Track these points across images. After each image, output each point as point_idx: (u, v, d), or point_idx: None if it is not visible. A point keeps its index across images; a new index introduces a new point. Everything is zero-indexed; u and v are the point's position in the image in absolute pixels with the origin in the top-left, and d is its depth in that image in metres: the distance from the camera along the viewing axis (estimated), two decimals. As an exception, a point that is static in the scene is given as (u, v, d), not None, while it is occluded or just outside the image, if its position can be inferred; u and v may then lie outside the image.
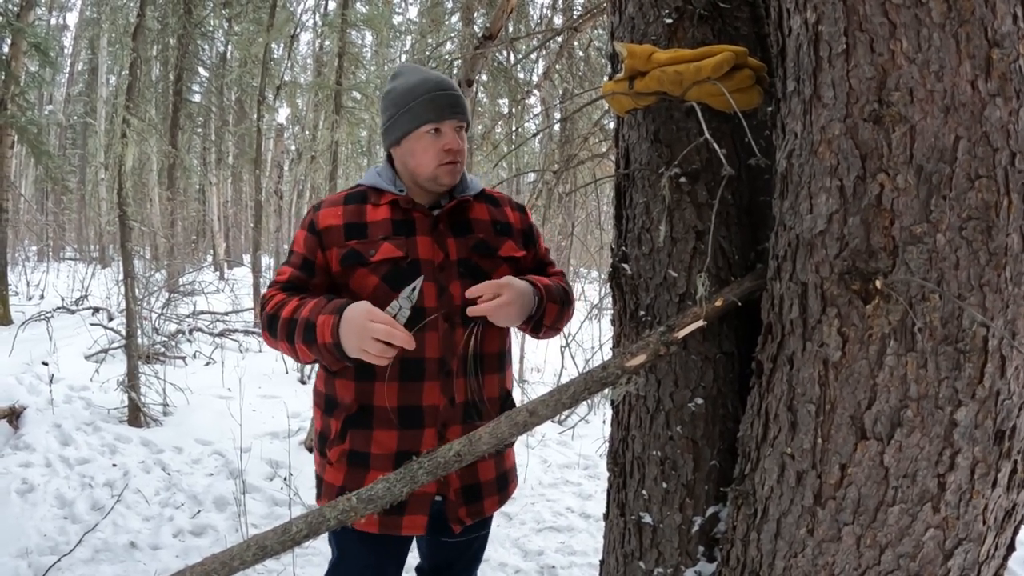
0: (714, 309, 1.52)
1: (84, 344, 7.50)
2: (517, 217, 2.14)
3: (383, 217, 1.96)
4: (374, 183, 2.02)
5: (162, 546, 3.77)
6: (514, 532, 4.20)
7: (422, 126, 1.93)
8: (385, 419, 1.89)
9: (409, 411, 1.89)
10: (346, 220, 1.95)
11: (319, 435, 2.02)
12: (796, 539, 1.38)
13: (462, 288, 1.91)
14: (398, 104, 1.96)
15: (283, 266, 2.00)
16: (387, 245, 1.91)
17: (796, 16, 1.35)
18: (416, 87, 1.95)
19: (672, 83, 1.59)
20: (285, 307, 1.83)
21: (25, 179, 21.78)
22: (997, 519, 1.32)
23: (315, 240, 1.94)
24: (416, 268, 1.89)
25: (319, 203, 2.03)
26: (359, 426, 1.91)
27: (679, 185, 1.65)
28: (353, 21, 11.22)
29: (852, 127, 1.26)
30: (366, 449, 1.91)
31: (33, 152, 9.56)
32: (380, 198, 1.99)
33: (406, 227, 1.95)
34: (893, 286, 1.23)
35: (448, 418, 1.92)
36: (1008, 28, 1.19)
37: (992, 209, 1.19)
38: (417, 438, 1.90)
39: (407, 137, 1.96)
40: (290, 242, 2.09)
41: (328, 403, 1.98)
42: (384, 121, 2.03)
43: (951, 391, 1.23)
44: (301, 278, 1.94)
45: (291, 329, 1.79)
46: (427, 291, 1.89)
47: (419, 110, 1.93)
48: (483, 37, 3.96)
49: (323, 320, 1.74)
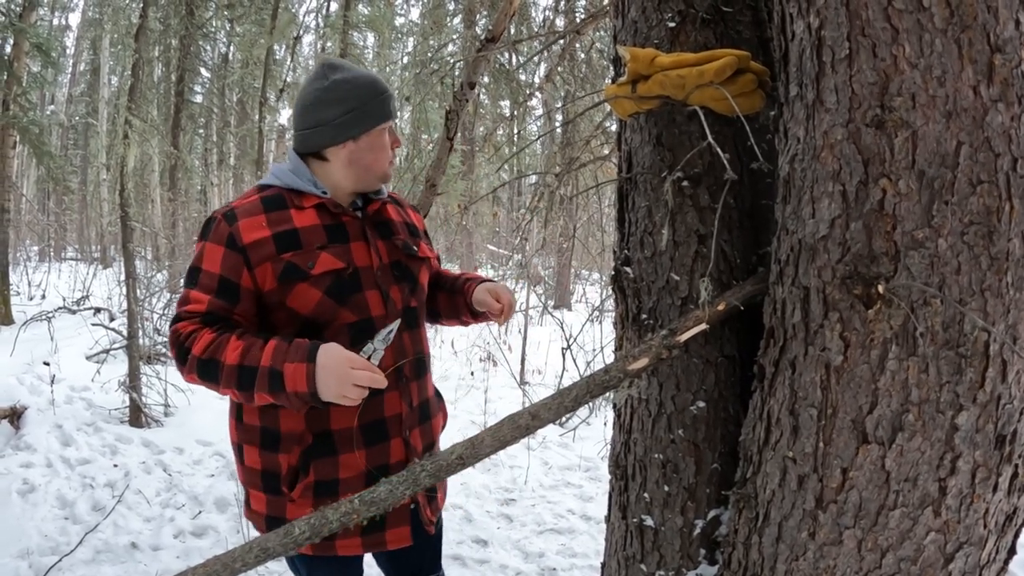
0: (716, 313, 1.53)
1: (85, 344, 7.50)
2: (418, 219, 2.14)
3: (312, 223, 1.82)
4: (291, 184, 1.86)
5: (163, 547, 3.77)
6: (515, 534, 4.20)
7: (384, 123, 1.87)
8: (348, 440, 1.81)
9: (373, 426, 1.83)
10: (275, 230, 1.77)
11: (263, 473, 1.84)
12: (798, 542, 1.39)
13: (400, 292, 1.89)
14: (361, 97, 1.84)
15: (191, 290, 1.76)
16: (326, 256, 1.79)
17: (799, 21, 1.35)
18: (371, 84, 1.86)
19: (675, 87, 1.60)
20: (222, 350, 1.66)
21: (27, 179, 21.80)
22: (998, 523, 1.32)
23: (238, 258, 1.74)
24: (357, 278, 1.82)
25: (229, 211, 1.79)
26: (321, 455, 1.80)
27: (681, 189, 1.66)
28: (355, 22, 11.24)
29: (854, 132, 1.26)
30: (334, 476, 1.81)
31: (35, 152, 9.57)
32: (302, 201, 1.84)
33: (340, 233, 1.85)
34: (895, 291, 1.24)
35: (411, 423, 1.89)
36: (1010, 33, 1.19)
37: (994, 214, 1.20)
38: (384, 451, 1.85)
39: (368, 133, 1.86)
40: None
41: (269, 438, 1.82)
42: (338, 114, 1.83)
43: (952, 395, 1.24)
44: (223, 307, 1.74)
45: (244, 378, 1.64)
46: (371, 300, 1.84)
47: (386, 106, 1.87)
48: (485, 39, 3.96)
49: (293, 368, 1.62)
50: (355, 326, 1.81)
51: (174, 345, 1.73)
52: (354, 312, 1.81)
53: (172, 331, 1.74)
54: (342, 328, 1.80)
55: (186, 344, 1.70)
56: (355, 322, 1.81)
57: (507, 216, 16.30)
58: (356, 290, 1.81)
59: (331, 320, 1.79)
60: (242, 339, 1.67)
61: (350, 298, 1.80)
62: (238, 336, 1.68)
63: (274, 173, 1.90)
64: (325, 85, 1.85)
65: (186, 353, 1.70)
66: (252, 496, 1.90)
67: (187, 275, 1.80)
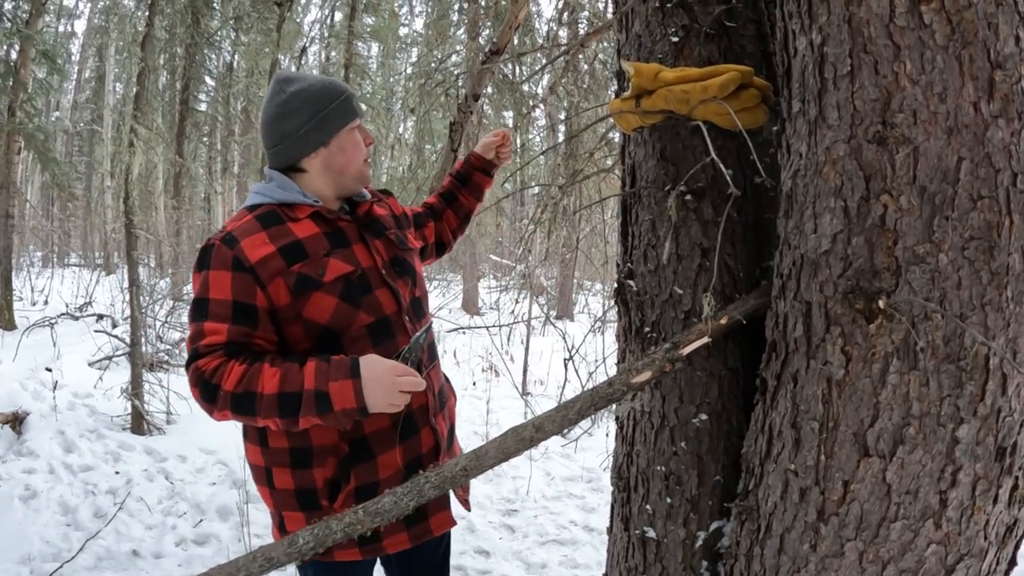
0: (719, 326, 1.54)
1: (88, 351, 7.50)
2: (395, 203, 2.19)
3: (313, 232, 1.81)
4: (281, 199, 1.85)
5: (165, 554, 3.78)
6: (517, 545, 4.20)
7: (353, 120, 1.89)
8: (384, 441, 1.83)
9: (405, 422, 1.85)
10: (279, 244, 1.75)
11: (298, 492, 1.83)
12: (799, 555, 1.39)
13: (405, 285, 1.94)
14: (320, 102, 1.84)
15: (205, 322, 1.70)
16: (334, 262, 1.79)
17: (802, 37, 1.37)
18: (328, 88, 1.87)
19: (678, 102, 1.61)
20: (256, 381, 1.63)
21: (31, 185, 21.84)
22: (999, 534, 1.33)
23: (248, 278, 1.71)
24: (366, 279, 1.84)
25: (227, 235, 1.76)
26: (360, 461, 1.81)
27: (685, 203, 1.67)
28: (360, 33, 11.28)
29: (856, 148, 1.28)
30: (375, 479, 1.82)
31: (40, 158, 9.61)
32: (295, 212, 1.83)
33: (340, 238, 1.86)
34: (896, 305, 1.25)
35: (434, 410, 1.94)
36: (1011, 50, 1.20)
37: (994, 229, 1.21)
38: (417, 443, 1.89)
39: (338, 135, 1.86)
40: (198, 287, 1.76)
41: (300, 456, 1.81)
42: (301, 123, 1.83)
43: (953, 409, 1.25)
44: (244, 332, 1.70)
45: (286, 405, 1.63)
46: (383, 299, 1.86)
47: (347, 106, 1.88)
48: (490, 52, 3.99)
49: (339, 387, 1.62)
50: (373, 326, 1.82)
51: (197, 384, 1.66)
52: (370, 313, 1.82)
53: (193, 369, 1.68)
54: (360, 331, 1.81)
55: (213, 381, 1.64)
56: (372, 323, 1.83)
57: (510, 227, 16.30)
58: (367, 291, 1.83)
59: (349, 324, 1.79)
60: (276, 365, 1.65)
61: (364, 300, 1.82)
62: (271, 363, 1.66)
63: (258, 192, 1.89)
64: (284, 99, 1.84)
65: (215, 390, 1.64)
66: (287, 518, 1.86)
67: (193, 309, 1.74)
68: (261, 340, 1.72)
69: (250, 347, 1.70)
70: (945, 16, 1.20)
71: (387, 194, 2.19)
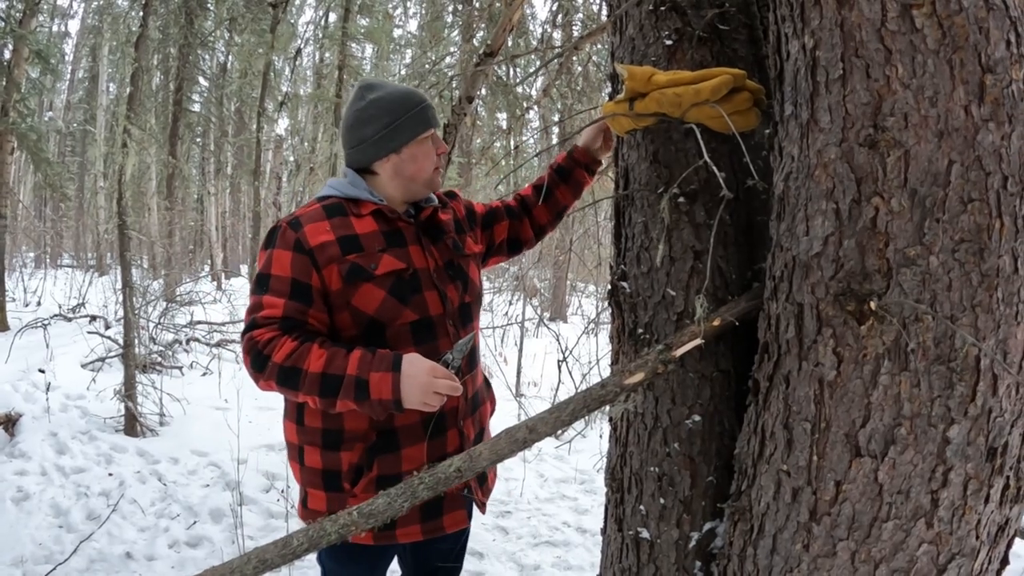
0: (712, 328, 1.54)
1: (81, 352, 7.48)
2: (459, 206, 2.22)
3: (372, 229, 1.92)
4: (348, 193, 1.97)
5: (157, 557, 3.76)
6: (510, 546, 4.20)
7: (425, 131, 1.97)
8: (412, 435, 1.90)
9: (434, 419, 1.91)
10: (338, 235, 1.87)
11: (324, 472, 1.93)
12: (792, 555, 1.40)
13: (455, 290, 1.99)
14: (395, 112, 1.95)
15: (264, 295, 1.82)
16: (388, 257, 1.89)
17: (794, 41, 1.38)
18: (407, 97, 1.97)
19: (671, 105, 1.62)
20: (305, 358, 1.73)
21: (24, 185, 21.76)
22: (990, 534, 1.34)
23: (307, 260, 1.82)
24: (417, 278, 1.92)
25: (294, 219, 1.89)
26: (386, 451, 1.89)
27: (678, 205, 1.67)
28: (354, 34, 11.27)
29: (848, 151, 1.28)
30: (397, 470, 1.89)
31: (32, 159, 9.57)
32: (360, 208, 1.95)
33: (397, 238, 1.95)
34: (887, 307, 1.25)
35: (464, 414, 1.99)
36: (1001, 54, 1.21)
37: (984, 231, 1.21)
38: (442, 443, 1.94)
39: (410, 143, 1.96)
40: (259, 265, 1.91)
41: (331, 438, 1.90)
42: (376, 130, 1.95)
43: (944, 409, 1.25)
44: (299, 309, 1.81)
45: (327, 386, 1.72)
46: (430, 300, 1.93)
47: (421, 117, 1.97)
48: (484, 54, 3.99)
49: (379, 378, 1.71)
50: (416, 324, 1.90)
51: (249, 353, 1.77)
52: (415, 311, 1.90)
53: (248, 339, 1.79)
54: (404, 327, 1.89)
55: (265, 351, 1.75)
56: (416, 320, 1.90)
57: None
58: (416, 290, 1.90)
59: (394, 318, 1.87)
60: (324, 348, 1.75)
61: (411, 298, 1.89)
62: (320, 344, 1.76)
63: (332, 186, 2.02)
64: (362, 105, 1.97)
65: (265, 360, 1.75)
66: (311, 496, 1.98)
67: (256, 283, 1.87)
68: (314, 320, 1.83)
69: (304, 325, 1.81)
70: (936, 21, 1.21)
71: (452, 196, 2.25)
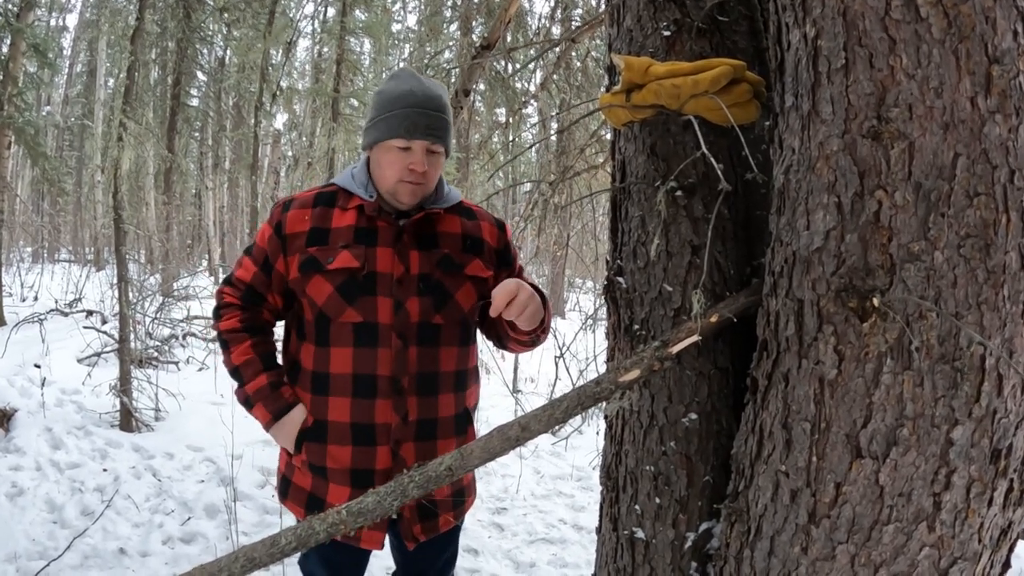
0: (709, 324, 1.51)
1: (77, 347, 7.45)
2: (494, 234, 2.06)
3: (347, 223, 1.91)
4: (346, 185, 1.96)
5: (151, 553, 3.74)
6: (506, 544, 4.18)
7: (392, 139, 1.86)
8: (338, 434, 1.89)
9: (362, 428, 1.88)
10: (312, 225, 1.92)
11: None
12: (790, 557, 1.37)
13: (420, 305, 1.88)
14: (380, 108, 1.90)
15: (246, 256, 2.01)
16: (345, 254, 1.87)
17: (795, 30, 1.35)
18: (402, 97, 1.87)
19: (669, 96, 1.58)
20: (235, 345, 1.98)
21: (21, 180, 21.71)
22: (993, 537, 1.31)
23: (278, 243, 1.93)
24: (372, 281, 1.86)
25: (290, 200, 1.99)
26: (314, 439, 1.92)
27: (675, 199, 1.64)
28: (352, 28, 11.25)
29: (850, 143, 1.25)
30: (322, 463, 1.92)
31: (30, 153, 9.53)
32: (348, 202, 1.95)
33: (367, 236, 1.90)
34: (890, 304, 1.22)
35: (401, 436, 1.89)
36: (1008, 44, 1.18)
37: (990, 227, 1.19)
38: (371, 455, 1.89)
39: (377, 145, 1.90)
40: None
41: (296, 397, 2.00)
42: (369, 119, 1.96)
43: (947, 410, 1.23)
44: (263, 283, 1.97)
45: (235, 377, 2.00)
46: (381, 306, 1.86)
47: (394, 122, 1.86)
48: (481, 47, 3.96)
49: (260, 411, 1.95)
50: (359, 327, 1.86)
51: (216, 300, 2.05)
52: (360, 313, 1.86)
53: (218, 291, 2.04)
54: (346, 326, 1.87)
55: (220, 312, 2.02)
56: (360, 323, 1.86)
57: (502, 223, 16.30)
58: (368, 292, 1.86)
59: (337, 315, 1.87)
60: (253, 350, 1.98)
61: (360, 298, 1.86)
62: (253, 344, 1.98)
63: (345, 171, 2.04)
64: (378, 89, 1.99)
65: (218, 318, 2.03)
66: (281, 454, 2.10)
67: (248, 246, 2.05)
68: (271, 301, 2.00)
69: (261, 304, 2.01)
70: (942, 10, 1.18)
71: (500, 227, 2.10)
